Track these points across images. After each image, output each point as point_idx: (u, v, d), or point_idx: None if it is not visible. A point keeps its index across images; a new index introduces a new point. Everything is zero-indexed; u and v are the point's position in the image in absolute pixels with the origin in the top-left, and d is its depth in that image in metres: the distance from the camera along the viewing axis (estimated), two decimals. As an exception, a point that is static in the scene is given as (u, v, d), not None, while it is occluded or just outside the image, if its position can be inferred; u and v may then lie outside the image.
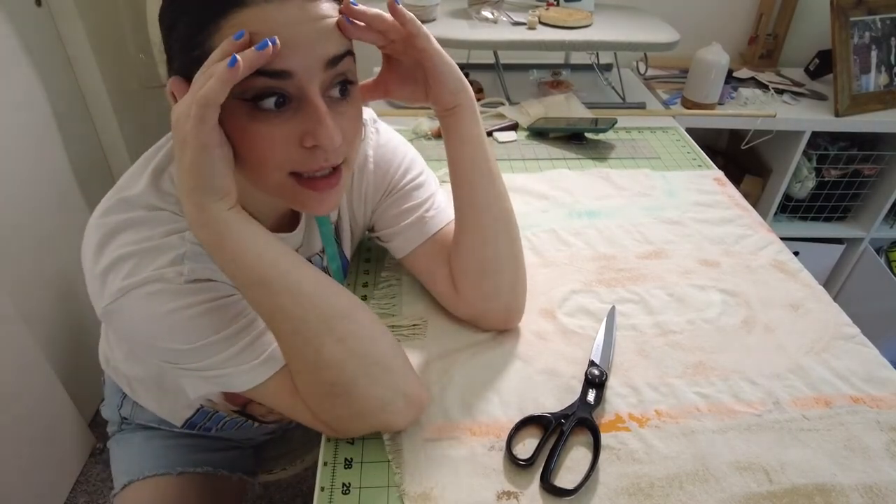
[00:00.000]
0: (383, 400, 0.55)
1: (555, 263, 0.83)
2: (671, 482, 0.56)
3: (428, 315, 0.73)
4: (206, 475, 0.80)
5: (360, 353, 0.53)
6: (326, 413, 0.56)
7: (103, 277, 0.51)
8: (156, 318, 0.51)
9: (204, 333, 0.52)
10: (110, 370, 0.76)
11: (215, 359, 0.53)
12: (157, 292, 0.50)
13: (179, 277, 0.51)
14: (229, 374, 0.54)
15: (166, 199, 0.54)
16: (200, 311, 0.52)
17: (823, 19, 1.46)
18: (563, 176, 1.03)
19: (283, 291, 0.50)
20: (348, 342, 0.53)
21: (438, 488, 0.55)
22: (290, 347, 0.53)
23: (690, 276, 0.82)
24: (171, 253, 0.52)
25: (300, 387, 0.55)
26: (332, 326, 0.52)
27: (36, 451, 1.26)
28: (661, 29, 1.28)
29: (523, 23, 1.24)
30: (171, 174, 0.55)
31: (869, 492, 0.56)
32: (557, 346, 0.70)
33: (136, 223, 0.52)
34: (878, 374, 0.68)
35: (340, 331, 0.52)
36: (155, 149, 0.58)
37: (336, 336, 0.52)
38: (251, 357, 0.54)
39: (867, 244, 1.67)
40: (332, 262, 0.70)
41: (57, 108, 1.33)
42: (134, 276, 0.50)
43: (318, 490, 0.55)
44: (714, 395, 0.65)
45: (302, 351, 0.52)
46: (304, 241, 0.67)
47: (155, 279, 0.50)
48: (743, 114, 1.41)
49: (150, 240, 0.52)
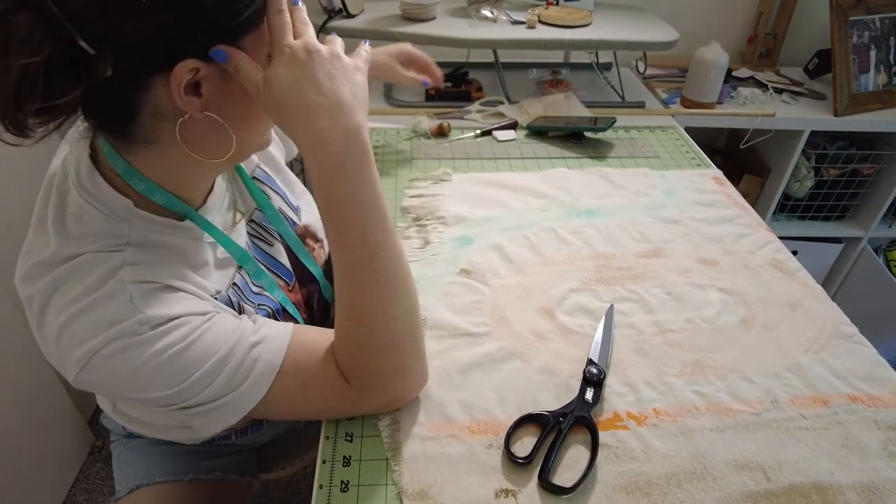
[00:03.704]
0: (414, 363, 0.59)
1: (554, 262, 0.83)
2: (669, 481, 0.56)
3: (427, 314, 0.73)
4: (216, 481, 0.80)
5: (416, 311, 0.58)
6: (372, 371, 0.57)
7: (58, 349, 0.48)
8: (131, 372, 0.48)
9: (186, 372, 0.50)
10: (118, 415, 0.73)
11: (208, 391, 0.51)
12: (122, 349, 0.48)
13: (143, 327, 0.48)
14: (230, 401, 0.52)
15: (81, 242, 0.50)
16: (175, 353, 0.49)
17: (823, 19, 1.46)
18: (562, 175, 1.03)
19: (389, 219, 0.55)
20: (412, 299, 0.58)
21: (437, 486, 0.55)
22: (375, 291, 0.55)
23: (689, 275, 0.82)
24: (115, 301, 0.48)
25: (356, 347, 0.56)
26: (407, 280, 0.57)
27: (35, 449, 1.26)
28: (661, 28, 1.28)
29: (522, 22, 1.24)
30: (72, 214, 0.51)
31: (866, 490, 0.56)
32: (556, 344, 0.70)
33: (63, 280, 0.49)
34: (876, 374, 0.68)
35: (411, 285, 0.58)
36: (39, 212, 0.54)
37: (409, 290, 0.57)
38: (243, 377, 0.53)
39: (865, 243, 1.67)
40: (275, 219, 0.71)
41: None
42: (89, 340, 0.47)
43: (316, 488, 0.55)
44: (712, 394, 0.65)
45: (382, 296, 0.55)
46: (238, 199, 0.67)
47: (115, 336, 0.47)
48: (742, 113, 1.41)
49: (86, 294, 0.48)
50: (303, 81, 0.49)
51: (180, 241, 0.56)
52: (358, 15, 1.25)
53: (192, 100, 0.47)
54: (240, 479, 0.83)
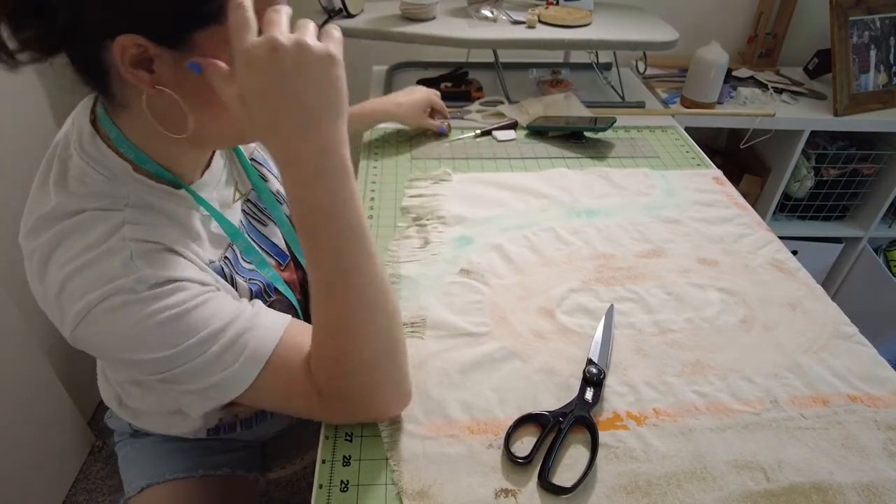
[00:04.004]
0: (389, 386, 0.57)
1: (554, 262, 0.83)
2: (669, 480, 0.56)
3: (427, 314, 0.73)
4: (225, 477, 0.80)
5: (393, 333, 0.55)
6: (342, 391, 0.55)
7: (58, 303, 0.49)
8: (125, 331, 0.49)
9: (179, 337, 0.50)
10: (123, 410, 0.75)
11: (198, 362, 0.51)
12: (120, 305, 0.48)
13: (140, 285, 0.48)
14: (219, 381, 0.52)
15: (83, 200, 0.51)
16: (171, 316, 0.49)
17: (823, 18, 1.46)
18: (562, 175, 1.03)
19: (368, 238, 0.52)
20: (390, 320, 0.55)
21: (436, 486, 0.55)
22: (347, 312, 0.52)
23: (689, 274, 0.82)
24: (116, 258, 0.49)
25: (327, 363, 0.54)
26: (384, 302, 0.54)
27: (35, 449, 1.26)
28: (661, 28, 1.28)
29: (523, 21, 1.24)
30: (73, 177, 0.53)
31: (866, 490, 0.56)
32: (556, 344, 0.70)
33: (66, 235, 0.50)
34: (875, 374, 0.68)
35: (390, 306, 0.54)
36: (41, 178, 0.55)
37: (387, 311, 0.54)
38: (233, 358, 0.52)
39: (865, 243, 1.67)
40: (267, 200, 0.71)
41: (57, 109, 1.33)
42: (88, 294, 0.48)
43: (316, 487, 0.55)
44: (712, 394, 0.65)
45: (355, 318, 0.52)
46: (237, 178, 0.68)
47: (114, 292, 0.48)
48: (742, 113, 1.41)
49: (89, 249, 0.49)
50: (269, 91, 0.45)
51: (176, 209, 0.57)
52: (358, 15, 1.25)
53: (142, 74, 0.47)
54: (247, 475, 0.83)
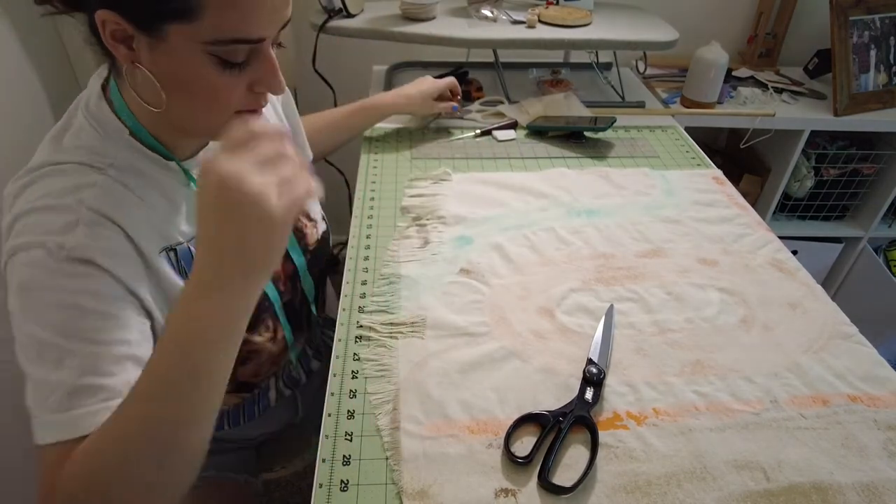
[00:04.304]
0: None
1: (553, 262, 0.83)
2: (669, 480, 0.56)
3: (427, 313, 0.73)
4: (213, 479, 0.79)
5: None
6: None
7: (7, 234, 0.52)
8: (23, 290, 0.49)
9: (46, 328, 0.48)
10: None
11: (35, 369, 0.50)
12: (32, 262, 0.49)
13: (60, 251, 0.49)
14: (35, 418, 0.50)
15: (69, 153, 0.55)
16: (58, 301, 0.48)
17: (823, 18, 1.46)
18: (562, 175, 1.03)
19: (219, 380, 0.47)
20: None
21: (436, 486, 0.55)
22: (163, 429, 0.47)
23: (689, 274, 0.82)
24: (63, 216, 0.51)
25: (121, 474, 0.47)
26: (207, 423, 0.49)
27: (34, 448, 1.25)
28: (661, 28, 1.28)
29: (522, 21, 1.24)
30: (71, 133, 0.57)
31: (866, 490, 0.56)
32: (556, 344, 0.70)
33: (37, 179, 0.54)
34: (875, 373, 0.68)
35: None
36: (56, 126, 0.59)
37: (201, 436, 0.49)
38: (57, 405, 0.49)
39: (865, 243, 1.67)
40: None
41: (57, 110, 1.33)
42: (22, 236, 0.50)
43: (316, 487, 0.55)
44: (712, 394, 0.65)
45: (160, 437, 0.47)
46: None
47: (37, 244, 0.49)
48: (742, 113, 1.41)
49: (47, 196, 0.52)
50: (200, 211, 0.42)
51: (163, 179, 0.59)
52: (358, 15, 1.25)
53: (121, 48, 0.50)
54: (235, 478, 0.82)
